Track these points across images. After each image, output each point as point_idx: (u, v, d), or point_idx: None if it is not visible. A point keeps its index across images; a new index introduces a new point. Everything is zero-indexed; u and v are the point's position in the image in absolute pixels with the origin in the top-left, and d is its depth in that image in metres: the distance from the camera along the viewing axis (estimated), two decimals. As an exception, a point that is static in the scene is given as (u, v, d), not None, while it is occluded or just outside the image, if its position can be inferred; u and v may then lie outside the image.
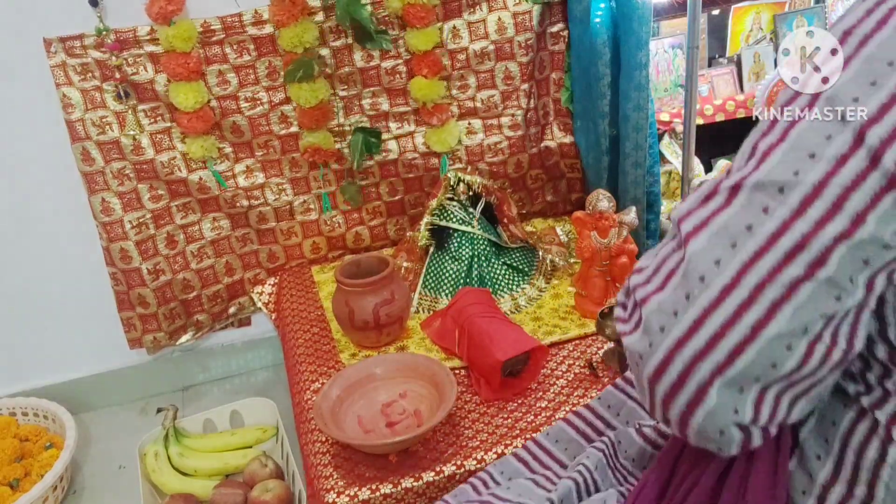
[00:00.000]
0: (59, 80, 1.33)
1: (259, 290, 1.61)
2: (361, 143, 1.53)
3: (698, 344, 0.39)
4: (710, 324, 0.39)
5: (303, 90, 1.43)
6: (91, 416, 1.68)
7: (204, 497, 1.36)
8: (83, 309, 1.60)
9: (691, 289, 0.40)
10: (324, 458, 1.02)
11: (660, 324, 0.41)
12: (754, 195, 0.39)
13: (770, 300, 0.38)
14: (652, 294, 0.42)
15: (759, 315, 0.38)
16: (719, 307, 0.39)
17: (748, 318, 0.38)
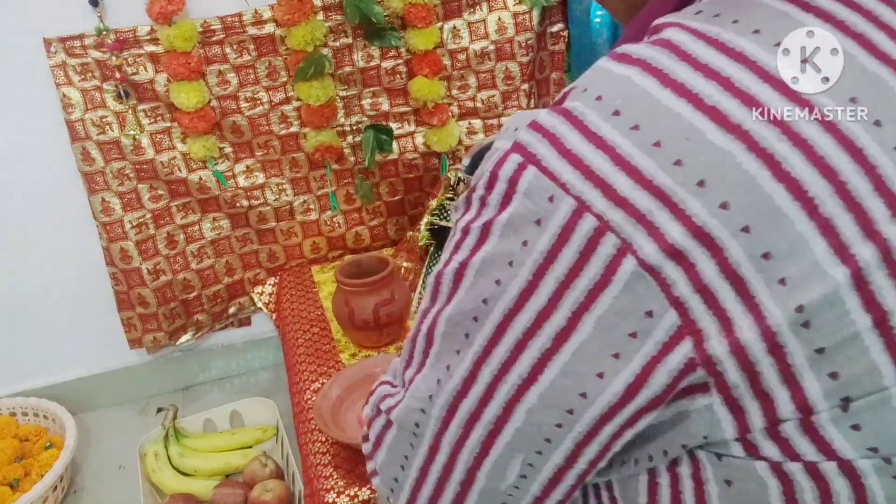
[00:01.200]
0: (59, 80, 1.33)
1: (259, 290, 1.61)
2: (373, 141, 1.53)
3: None
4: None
5: (313, 88, 1.43)
6: (91, 416, 1.68)
7: (204, 497, 1.36)
8: (83, 309, 1.60)
9: (388, 494, 0.45)
10: (324, 458, 1.02)
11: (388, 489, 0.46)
12: (401, 431, 0.43)
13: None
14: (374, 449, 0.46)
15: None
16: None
17: None
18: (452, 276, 0.37)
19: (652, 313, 0.30)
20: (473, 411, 0.37)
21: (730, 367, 0.30)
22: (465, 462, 0.39)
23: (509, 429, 0.36)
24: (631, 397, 0.32)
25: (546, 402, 0.34)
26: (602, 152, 0.31)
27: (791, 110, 0.30)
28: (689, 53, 0.32)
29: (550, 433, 0.35)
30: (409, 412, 0.41)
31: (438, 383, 0.39)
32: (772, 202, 0.29)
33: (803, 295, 0.29)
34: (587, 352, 0.32)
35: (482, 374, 0.36)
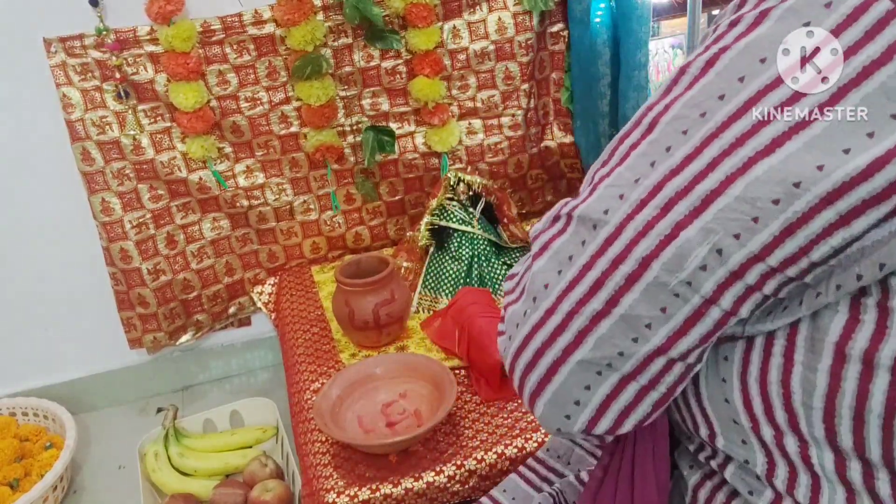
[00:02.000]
0: (59, 80, 1.33)
1: (259, 290, 1.61)
2: (373, 141, 1.53)
3: (526, 358, 0.43)
4: (534, 340, 0.42)
5: (313, 88, 1.43)
6: (91, 416, 1.68)
7: (204, 497, 1.36)
8: (83, 309, 1.60)
9: (527, 307, 0.43)
10: (323, 458, 1.02)
11: (510, 332, 0.45)
12: (579, 227, 0.41)
13: (577, 327, 0.40)
14: (510, 303, 0.46)
15: (569, 340, 0.41)
16: (542, 327, 0.42)
17: (561, 342, 0.41)
18: (704, 63, 0.36)
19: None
20: (683, 188, 0.36)
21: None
22: (644, 249, 0.37)
23: (719, 203, 0.34)
24: (869, 175, 0.31)
25: (773, 175, 0.33)
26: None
27: None
28: None
29: (761, 211, 0.33)
30: (601, 201, 0.39)
31: (652, 165, 0.37)
32: None
33: None
34: (842, 129, 0.32)
35: (710, 148, 0.35)
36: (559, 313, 0.41)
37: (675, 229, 0.36)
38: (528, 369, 0.43)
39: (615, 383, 0.41)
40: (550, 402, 0.43)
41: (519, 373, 0.44)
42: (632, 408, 0.42)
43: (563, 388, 0.42)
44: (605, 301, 0.39)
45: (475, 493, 1.00)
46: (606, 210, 0.39)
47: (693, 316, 0.37)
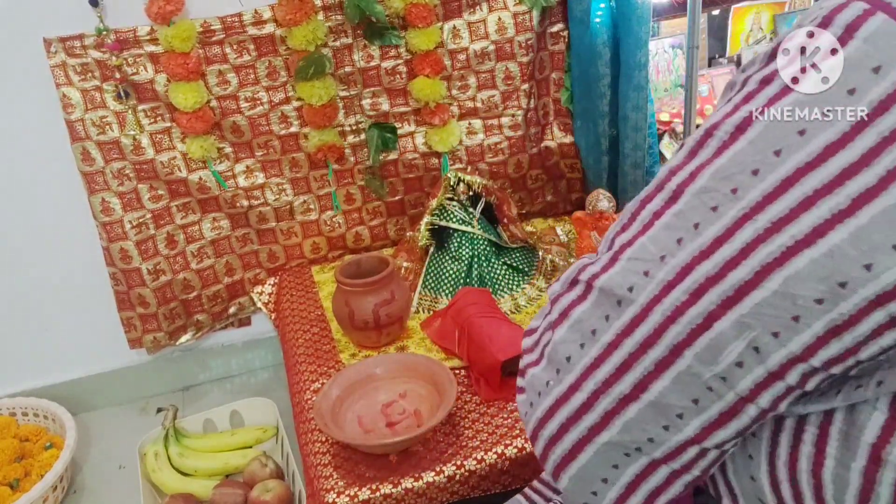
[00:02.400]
0: (59, 80, 1.33)
1: (259, 290, 1.61)
2: (377, 139, 1.53)
3: (550, 431, 0.41)
4: (559, 414, 0.40)
5: (315, 88, 1.43)
6: (91, 416, 1.68)
7: (204, 497, 1.36)
8: (83, 309, 1.60)
9: (550, 377, 0.41)
10: (324, 458, 1.02)
11: (531, 398, 0.42)
12: (601, 299, 0.38)
13: (603, 408, 0.38)
14: (531, 365, 0.43)
15: (595, 420, 0.39)
16: (566, 402, 0.40)
17: (586, 420, 0.39)
18: (734, 126, 0.33)
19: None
20: (714, 274, 0.32)
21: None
22: (677, 335, 0.34)
23: (754, 296, 0.31)
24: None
25: (816, 271, 0.30)
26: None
27: None
28: None
29: (803, 310, 0.30)
30: (624, 275, 0.37)
31: (679, 243, 0.34)
32: None
33: None
34: (890, 219, 0.28)
35: (743, 231, 0.32)
36: (584, 391, 0.39)
37: (708, 319, 0.33)
38: (551, 442, 0.41)
39: (645, 465, 0.39)
40: (576, 478, 0.41)
41: (542, 444, 0.41)
42: (663, 489, 0.39)
43: (589, 466, 0.40)
44: (633, 385, 0.37)
45: (475, 493, 1.00)
46: (631, 287, 0.36)
47: (728, 412, 0.35)
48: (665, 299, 0.34)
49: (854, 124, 0.29)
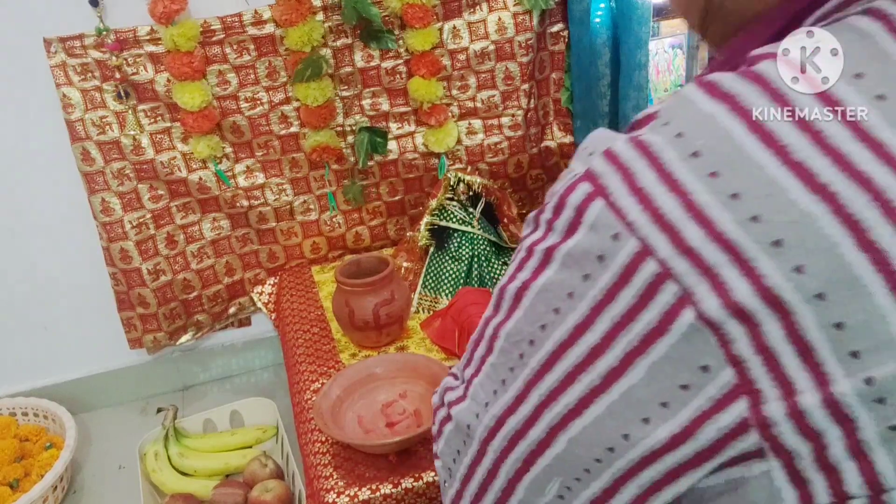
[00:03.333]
0: (59, 80, 1.33)
1: (259, 290, 1.61)
2: (367, 143, 1.53)
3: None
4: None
5: (311, 89, 1.43)
6: (91, 416, 1.68)
7: (204, 497, 1.36)
8: (83, 309, 1.60)
9: (445, 478, 0.45)
10: (324, 458, 1.02)
11: (444, 476, 0.46)
12: (456, 429, 0.43)
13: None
14: (445, 422, 0.45)
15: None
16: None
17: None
18: (514, 294, 0.37)
19: (708, 368, 0.30)
20: (519, 429, 0.37)
21: (787, 431, 0.29)
22: (507, 473, 0.39)
23: (550, 453, 0.36)
24: (674, 447, 0.31)
25: (589, 436, 0.34)
26: (675, 195, 0.30)
27: (885, 176, 0.28)
28: (783, 94, 0.30)
29: (590, 465, 0.35)
30: (466, 413, 0.41)
31: (494, 394, 0.39)
32: (851, 271, 0.27)
33: (876, 370, 0.28)
34: (635, 396, 0.32)
35: (531, 396, 0.36)
36: (465, 500, 0.42)
37: (525, 464, 0.38)
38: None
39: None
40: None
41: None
42: None
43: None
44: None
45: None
46: (469, 425, 0.41)
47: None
48: (493, 441, 0.39)
49: (593, 308, 0.32)
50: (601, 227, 0.31)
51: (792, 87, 0.30)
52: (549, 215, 0.35)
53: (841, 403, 0.28)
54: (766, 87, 0.30)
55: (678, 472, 0.32)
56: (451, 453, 0.43)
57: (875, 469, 0.29)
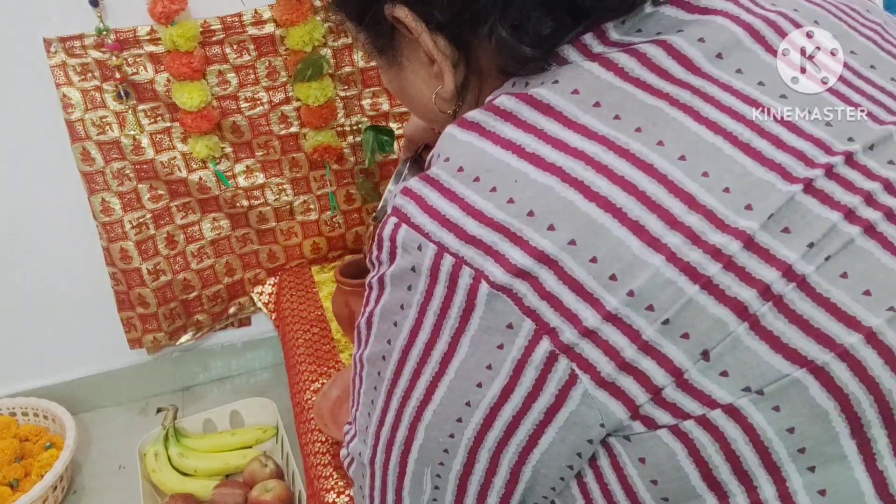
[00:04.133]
0: (59, 80, 1.33)
1: (259, 290, 1.61)
2: (373, 142, 1.53)
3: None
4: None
5: (312, 89, 1.43)
6: (91, 416, 1.68)
7: (204, 497, 1.36)
8: (83, 309, 1.60)
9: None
10: (324, 458, 1.02)
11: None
12: (357, 467, 0.49)
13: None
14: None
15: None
16: None
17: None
18: (365, 325, 0.44)
19: (512, 325, 0.36)
20: (389, 437, 0.43)
21: (586, 347, 0.35)
22: (393, 482, 0.45)
23: (415, 446, 0.42)
24: (506, 397, 0.37)
25: (439, 416, 0.40)
26: (453, 203, 0.37)
27: (591, 146, 0.37)
28: (511, 112, 0.39)
29: (446, 444, 0.40)
30: (358, 446, 0.48)
31: (368, 416, 0.45)
32: (588, 217, 0.35)
33: (631, 282, 0.34)
34: (466, 367, 0.38)
35: (392, 403, 0.42)
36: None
37: (401, 468, 0.44)
38: None
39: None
40: None
41: None
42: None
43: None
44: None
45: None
46: (360, 453, 0.47)
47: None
48: (376, 458, 0.45)
49: (419, 311, 0.39)
50: (409, 245, 0.38)
51: (514, 107, 0.39)
52: (376, 252, 0.41)
53: (618, 316, 0.34)
54: (497, 112, 0.39)
55: (515, 424, 0.38)
56: (358, 491, 0.49)
57: (668, 358, 0.34)
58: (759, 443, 0.35)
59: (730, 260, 0.34)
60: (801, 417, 0.34)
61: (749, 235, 0.34)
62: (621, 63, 0.39)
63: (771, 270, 0.34)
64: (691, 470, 0.36)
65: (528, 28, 0.40)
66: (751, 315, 0.34)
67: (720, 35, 0.39)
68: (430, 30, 0.43)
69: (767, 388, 0.34)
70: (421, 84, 0.49)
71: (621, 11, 0.40)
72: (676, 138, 0.36)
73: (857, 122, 0.38)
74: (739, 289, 0.34)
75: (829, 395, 0.34)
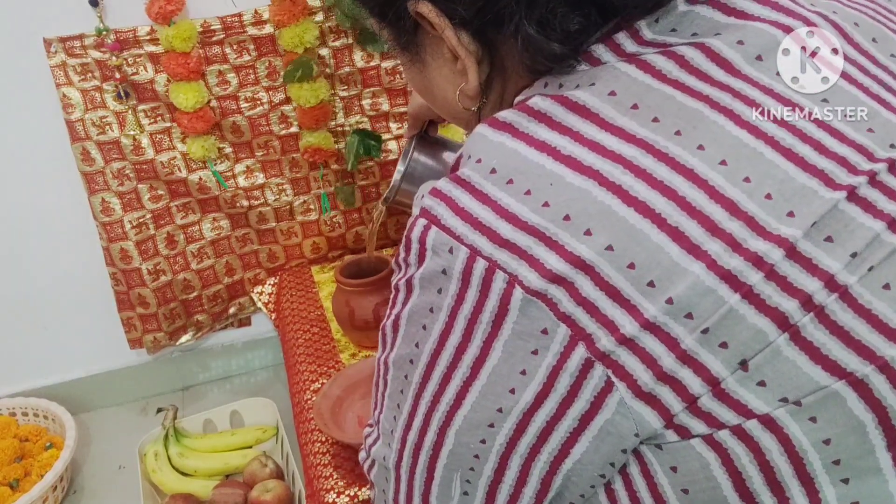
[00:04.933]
0: (59, 80, 1.33)
1: (259, 290, 1.61)
2: (357, 145, 1.52)
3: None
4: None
5: (303, 90, 1.42)
6: (91, 416, 1.68)
7: (204, 497, 1.36)
8: (83, 309, 1.60)
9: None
10: (324, 458, 1.02)
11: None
12: (379, 470, 0.49)
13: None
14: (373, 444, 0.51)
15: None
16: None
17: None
18: (391, 327, 0.43)
19: (546, 331, 0.35)
20: (417, 441, 0.43)
21: (623, 355, 0.34)
22: (419, 487, 0.44)
23: (444, 451, 0.41)
24: (540, 403, 0.37)
25: (470, 422, 0.39)
26: (486, 205, 0.37)
27: (629, 150, 0.36)
28: (544, 113, 0.38)
29: (477, 449, 0.40)
30: (381, 449, 0.47)
31: (394, 420, 0.44)
32: (627, 223, 0.34)
33: (671, 290, 0.33)
34: (499, 373, 0.37)
35: (420, 407, 0.42)
36: None
37: (429, 473, 0.43)
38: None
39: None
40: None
41: None
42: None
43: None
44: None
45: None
46: (385, 457, 0.46)
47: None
48: (402, 462, 0.44)
49: (450, 314, 0.38)
50: (439, 248, 0.38)
51: (548, 108, 0.38)
52: (403, 254, 0.41)
53: (656, 324, 0.34)
54: (531, 113, 0.39)
55: (548, 430, 0.37)
56: (380, 495, 0.48)
57: (706, 367, 0.34)
58: (794, 454, 0.34)
59: (772, 269, 0.33)
60: (837, 429, 0.34)
61: (791, 243, 0.33)
62: (658, 65, 0.38)
63: (813, 280, 0.33)
64: (724, 480, 0.35)
65: (555, 24, 0.39)
66: (791, 325, 0.33)
67: (759, 38, 0.38)
68: (454, 26, 0.42)
69: (805, 399, 0.33)
70: (444, 81, 0.48)
71: (649, 8, 0.39)
72: (717, 142, 0.36)
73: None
74: (781, 299, 0.33)
75: (867, 407, 0.33)
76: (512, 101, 0.44)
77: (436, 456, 0.42)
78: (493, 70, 0.45)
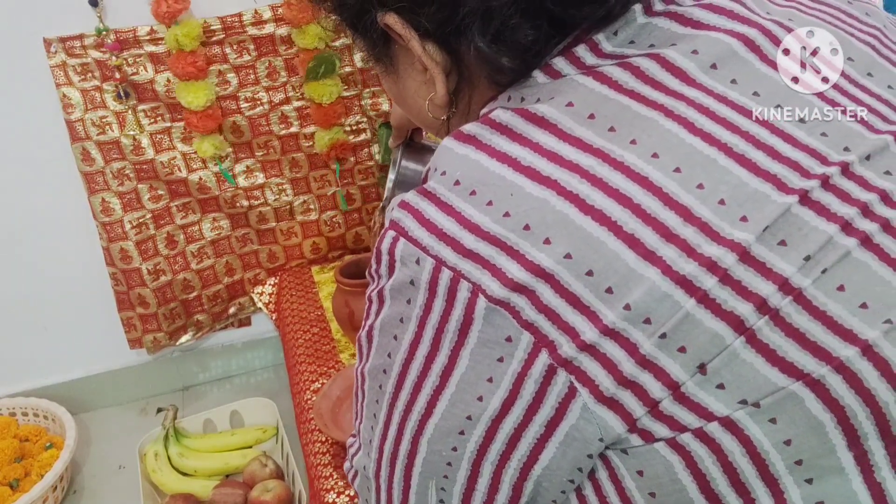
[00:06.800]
0: (59, 80, 1.33)
1: (259, 291, 1.61)
2: (387, 138, 1.53)
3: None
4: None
5: (325, 86, 1.43)
6: (91, 416, 1.68)
7: (204, 497, 1.36)
8: (83, 309, 1.60)
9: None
10: (324, 458, 1.02)
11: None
12: (362, 480, 0.49)
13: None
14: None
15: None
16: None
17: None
18: (366, 338, 0.44)
19: (511, 338, 0.36)
20: (393, 450, 0.43)
21: (585, 360, 0.35)
22: (398, 496, 0.44)
23: (419, 460, 0.42)
24: (507, 410, 0.37)
25: (441, 430, 0.40)
26: (450, 216, 0.38)
27: (586, 159, 0.36)
28: (507, 126, 0.39)
29: (449, 457, 0.41)
30: (362, 459, 0.48)
31: (372, 429, 0.45)
32: (584, 231, 0.35)
33: (628, 296, 0.34)
34: (467, 381, 0.38)
35: (394, 416, 0.42)
36: None
37: (406, 482, 0.44)
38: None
39: None
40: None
41: None
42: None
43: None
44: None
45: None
46: (365, 466, 0.47)
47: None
48: (380, 472, 0.45)
49: (418, 324, 0.39)
50: (407, 258, 0.38)
51: (510, 121, 0.39)
52: (374, 266, 0.41)
53: (615, 330, 0.34)
54: (493, 125, 0.39)
55: (516, 437, 0.38)
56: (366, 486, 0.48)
57: (665, 371, 0.34)
58: (756, 455, 0.35)
59: (726, 273, 0.34)
60: (797, 429, 0.34)
61: (745, 248, 0.34)
62: (615, 76, 0.39)
63: (767, 284, 0.34)
64: (689, 482, 0.36)
65: (507, 38, 0.40)
66: (747, 329, 0.34)
67: (714, 47, 0.39)
68: (420, 37, 0.43)
69: (764, 400, 0.34)
70: (415, 91, 0.49)
71: (601, 21, 0.40)
72: (671, 150, 0.36)
73: (853, 132, 0.38)
74: (736, 303, 0.34)
75: (825, 407, 0.34)
76: (479, 111, 0.45)
77: (411, 464, 0.43)
78: (461, 80, 0.46)
